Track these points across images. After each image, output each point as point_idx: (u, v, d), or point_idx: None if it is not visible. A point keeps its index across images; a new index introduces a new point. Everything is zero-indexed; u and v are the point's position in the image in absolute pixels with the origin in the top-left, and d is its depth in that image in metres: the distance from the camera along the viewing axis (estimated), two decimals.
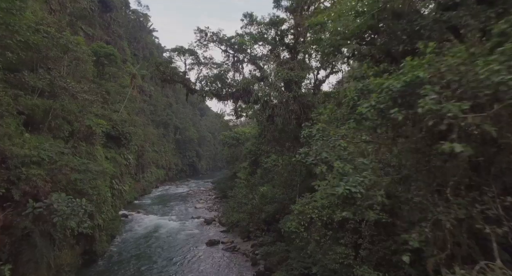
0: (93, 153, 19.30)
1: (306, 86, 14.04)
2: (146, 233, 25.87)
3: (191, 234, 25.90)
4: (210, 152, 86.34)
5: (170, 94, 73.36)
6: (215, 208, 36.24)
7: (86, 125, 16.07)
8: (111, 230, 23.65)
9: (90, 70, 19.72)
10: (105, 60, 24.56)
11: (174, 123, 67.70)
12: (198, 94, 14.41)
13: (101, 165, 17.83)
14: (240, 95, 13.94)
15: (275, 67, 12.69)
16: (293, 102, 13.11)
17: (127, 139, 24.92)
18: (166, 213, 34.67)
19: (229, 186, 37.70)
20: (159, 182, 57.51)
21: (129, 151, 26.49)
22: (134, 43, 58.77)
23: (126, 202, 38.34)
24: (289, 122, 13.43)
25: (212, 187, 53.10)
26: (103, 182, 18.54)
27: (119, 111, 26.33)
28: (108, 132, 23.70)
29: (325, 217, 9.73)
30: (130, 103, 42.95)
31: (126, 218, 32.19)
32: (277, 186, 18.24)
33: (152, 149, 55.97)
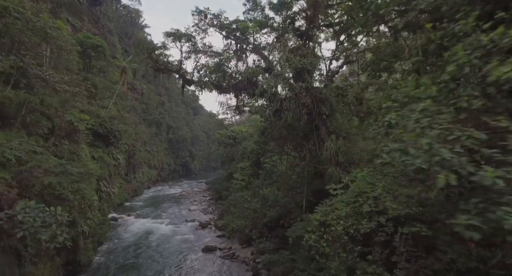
0: (77, 153, 17.26)
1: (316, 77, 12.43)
2: (137, 239, 23.84)
3: (186, 240, 23.98)
4: (204, 152, 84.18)
5: (163, 92, 71.07)
6: (210, 210, 34.33)
7: (67, 121, 14.09)
8: (98, 236, 21.59)
9: (75, 61, 17.68)
10: (92, 52, 22.43)
11: (167, 122, 65.40)
12: (196, 85, 12.64)
13: (86, 166, 15.83)
14: (244, 87, 12.23)
15: (285, 54, 11.04)
16: (305, 95, 11.47)
17: (117, 137, 22.87)
18: (158, 216, 32.61)
19: (224, 187, 35.86)
20: (151, 182, 55.23)
21: (118, 150, 24.44)
22: (125, 39, 56.34)
23: (116, 204, 36.18)
24: (300, 118, 11.75)
25: (206, 187, 51.10)
26: (88, 185, 16.53)
27: (108, 108, 24.26)
28: (95, 130, 21.64)
29: (352, 228, 8.07)
30: (121, 101, 40.69)
31: (115, 222, 30.04)
32: (280, 188, 16.55)
33: (144, 148, 53.69)
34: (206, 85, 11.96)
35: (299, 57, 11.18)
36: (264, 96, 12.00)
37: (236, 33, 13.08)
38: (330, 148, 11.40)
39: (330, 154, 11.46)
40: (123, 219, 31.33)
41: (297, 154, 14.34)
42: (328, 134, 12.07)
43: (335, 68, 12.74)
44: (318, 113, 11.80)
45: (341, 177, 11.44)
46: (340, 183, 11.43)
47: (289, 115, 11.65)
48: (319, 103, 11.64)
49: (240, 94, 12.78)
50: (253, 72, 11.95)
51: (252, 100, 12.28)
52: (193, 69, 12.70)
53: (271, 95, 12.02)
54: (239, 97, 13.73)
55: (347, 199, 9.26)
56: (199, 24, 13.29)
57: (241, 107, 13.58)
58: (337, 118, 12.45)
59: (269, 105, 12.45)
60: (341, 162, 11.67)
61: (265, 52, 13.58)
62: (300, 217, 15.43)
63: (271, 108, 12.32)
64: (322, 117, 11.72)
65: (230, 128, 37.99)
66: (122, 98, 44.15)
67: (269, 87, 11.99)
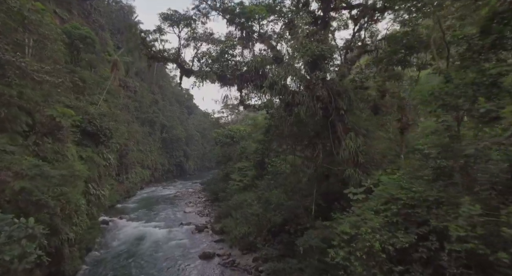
0: (63, 152, 15.50)
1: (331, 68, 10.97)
2: (128, 245, 22.09)
3: (181, 245, 22.32)
4: (198, 152, 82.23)
5: (156, 90, 69.00)
6: (206, 212, 32.67)
7: (48, 115, 12.35)
8: (87, 242, 19.81)
9: (61, 53, 15.91)
10: (80, 44, 20.58)
11: (161, 121, 63.36)
12: (196, 75, 11.10)
13: (71, 167, 14.10)
14: (250, 78, 10.75)
15: (299, 40, 9.61)
16: (321, 86, 10.04)
17: (107, 136, 21.08)
18: (152, 219, 30.80)
19: (221, 188, 34.24)
20: (144, 183, 53.20)
21: (109, 149, 22.65)
22: (118, 35, 54.17)
23: (107, 206, 34.22)
24: (314, 113, 10.30)
25: (201, 188, 49.34)
26: (74, 187, 14.81)
27: (98, 104, 22.44)
28: (83, 128, 19.84)
29: (388, 243, 6.64)
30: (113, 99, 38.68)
31: (106, 225, 28.16)
32: (287, 191, 15.10)
33: (137, 148, 51.66)
34: (208, 75, 10.43)
35: (316, 43, 9.75)
36: (274, 89, 10.53)
37: (241, 19, 11.54)
38: (349, 147, 9.98)
39: (349, 154, 10.05)
40: (114, 223, 29.44)
41: (309, 153, 12.93)
42: (346, 132, 10.67)
43: (351, 58, 11.36)
44: (334, 108, 10.39)
45: (361, 180, 10.02)
46: (361, 186, 10.01)
47: (302, 110, 10.21)
48: (335, 97, 10.24)
49: (246, 86, 11.28)
50: (262, 61, 10.47)
51: (259, 94, 10.77)
52: (193, 57, 11.18)
53: (282, 87, 10.55)
54: (244, 90, 12.23)
55: (376, 207, 7.83)
56: (199, 7, 11.71)
57: (245, 101, 12.08)
58: (356, 114, 11.08)
59: (279, 99, 11.02)
60: (361, 162, 10.27)
61: (272, 42, 12.11)
62: (310, 223, 13.97)
63: (281, 102, 10.88)
64: (340, 112, 10.32)
65: (228, 127, 36.36)
66: (114, 96, 42.15)
67: (279, 78, 10.52)
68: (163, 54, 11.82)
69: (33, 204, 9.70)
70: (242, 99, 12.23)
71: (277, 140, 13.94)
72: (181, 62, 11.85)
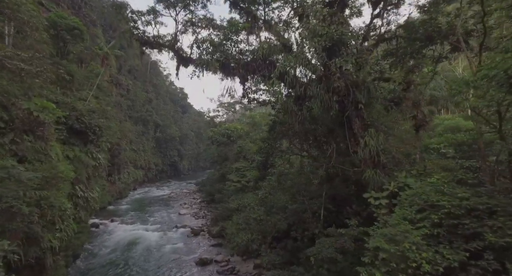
0: (45, 152, 13.89)
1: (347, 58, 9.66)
2: (120, 250, 20.49)
3: (176, 250, 20.83)
4: (193, 152, 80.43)
5: (150, 89, 67.04)
6: (202, 214, 31.19)
7: (24, 109, 10.77)
8: (74, 249, 18.19)
9: (43, 42, 14.29)
10: (67, 35, 18.88)
11: (154, 120, 61.45)
12: (196, 64, 9.71)
13: (54, 168, 12.54)
14: (257, 67, 9.42)
15: (311, 26, 8.29)
16: (338, 76, 8.76)
17: (96, 134, 19.45)
18: (145, 221, 29.18)
19: (217, 189, 32.82)
20: (137, 183, 51.38)
21: (99, 149, 21.00)
22: (110, 31, 52.15)
23: (98, 208, 32.41)
24: (329, 107, 9.01)
25: (196, 189, 47.78)
26: (58, 191, 13.24)
27: (87, 100, 20.76)
28: (70, 125, 18.18)
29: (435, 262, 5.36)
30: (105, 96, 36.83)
31: (96, 228, 26.48)
32: (292, 193, 13.81)
33: (130, 147, 49.80)
34: (210, 63, 9.06)
35: (335, 26, 8.46)
36: (284, 80, 9.20)
37: (245, 3, 10.21)
38: (370, 145, 8.72)
39: (369, 153, 8.79)
40: (105, 226, 27.75)
41: (320, 153, 11.66)
42: (364, 128, 9.42)
43: (368, 47, 10.13)
44: (351, 102, 9.13)
45: (383, 183, 8.77)
46: (382, 190, 8.75)
47: (316, 104, 8.91)
48: (353, 89, 8.98)
49: (252, 77, 9.96)
50: (269, 48, 9.15)
51: (266, 85, 9.42)
52: (192, 44, 9.77)
53: (293, 78, 9.24)
54: (247, 83, 10.88)
55: (411, 216, 6.56)
56: None
57: (249, 94, 10.72)
58: (376, 108, 9.85)
59: (288, 92, 9.72)
60: (383, 163, 9.03)
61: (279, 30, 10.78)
62: (318, 228, 12.68)
63: (290, 96, 9.58)
64: (358, 107, 9.06)
65: (224, 126, 34.92)
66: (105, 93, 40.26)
67: (291, 67, 9.21)
68: (157, 40, 10.39)
69: (3, 212, 8.17)
70: (245, 92, 10.90)
71: (286, 138, 12.58)
72: (178, 50, 10.45)
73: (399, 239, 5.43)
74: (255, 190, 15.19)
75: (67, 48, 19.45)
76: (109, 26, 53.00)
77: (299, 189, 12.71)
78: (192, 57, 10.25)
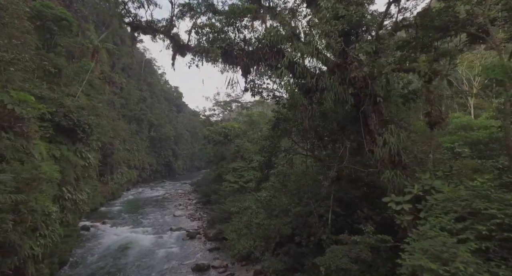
0: (27, 150, 12.57)
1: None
2: (111, 255, 19.20)
3: (171, 254, 19.63)
4: (188, 151, 78.90)
5: (144, 87, 65.39)
6: (198, 216, 29.98)
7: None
8: (60, 255, 16.82)
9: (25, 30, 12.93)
10: (53, 26, 17.45)
11: (149, 119, 59.83)
12: (195, 51, 8.58)
13: (35, 168, 11.25)
14: (263, 56, 8.33)
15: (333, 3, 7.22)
16: (356, 66, 7.73)
17: (86, 132, 18.09)
18: (138, 224, 27.86)
19: (213, 189, 31.60)
20: (131, 184, 49.83)
21: (89, 148, 19.65)
22: (103, 28, 50.37)
23: (89, 210, 30.89)
24: (344, 101, 7.97)
25: (191, 189, 46.45)
26: (40, 194, 11.96)
27: (76, 96, 19.37)
28: (57, 122, 16.82)
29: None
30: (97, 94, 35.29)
31: (87, 231, 25.09)
32: (297, 195, 12.77)
33: (123, 147, 48.20)
34: (211, 51, 7.94)
35: (354, 7, 7.42)
36: (294, 70, 8.12)
37: None
38: (390, 143, 7.70)
39: (389, 152, 7.78)
40: (96, 228, 26.36)
41: (331, 152, 10.63)
42: (382, 124, 8.40)
43: (383, 35, 9.12)
44: (368, 95, 8.11)
45: (405, 185, 7.75)
46: (405, 193, 7.74)
47: (329, 97, 7.86)
48: (370, 80, 7.96)
49: (258, 66, 8.85)
50: (276, 35, 8.07)
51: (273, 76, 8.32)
52: (190, 29, 8.60)
53: (303, 68, 8.17)
54: (250, 74, 9.78)
55: (449, 225, 5.53)
56: None
57: (253, 87, 9.58)
58: (396, 102, 8.82)
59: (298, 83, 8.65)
60: (405, 163, 8.02)
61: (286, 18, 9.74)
62: (326, 234, 11.62)
63: (299, 89, 8.53)
64: (376, 100, 8.04)
65: (221, 124, 33.70)
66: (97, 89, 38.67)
67: (301, 57, 8.15)
68: (151, 25, 9.21)
69: None
70: (247, 85, 9.79)
71: (290, 136, 11.48)
72: (175, 36, 9.29)
73: (446, 256, 4.41)
74: (257, 192, 14.09)
75: (54, 40, 18.04)
76: (102, 23, 51.23)
77: (304, 190, 11.66)
78: (190, 45, 9.11)
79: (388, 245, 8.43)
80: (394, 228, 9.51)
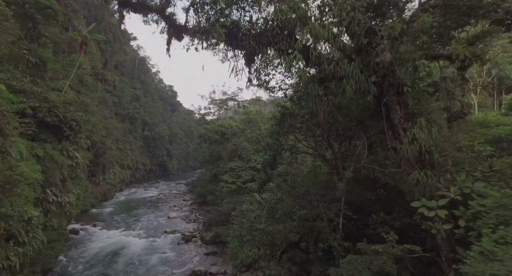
0: (3, 149, 11.12)
1: None
2: (100, 261, 17.75)
3: (166, 260, 18.27)
4: (182, 151, 77.20)
5: (138, 86, 63.57)
6: (194, 218, 28.61)
7: None
8: (44, 262, 15.35)
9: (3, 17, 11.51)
10: (37, 14, 15.91)
11: (142, 117, 58.07)
12: (194, 32, 7.34)
13: (10, 169, 9.85)
14: (272, 38, 7.14)
15: None
16: (383, 48, 6.57)
17: (73, 129, 16.63)
18: (131, 226, 26.35)
19: (209, 190, 30.27)
20: (124, 184, 48.09)
21: (77, 146, 18.16)
22: (94, 23, 48.52)
23: (80, 211, 29.30)
24: (367, 90, 6.81)
25: (186, 189, 44.99)
26: (17, 197, 10.54)
27: (63, 91, 17.85)
28: (41, 118, 15.34)
29: None
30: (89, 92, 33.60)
31: (76, 235, 23.51)
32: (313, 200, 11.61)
33: (116, 146, 46.46)
34: (213, 30, 6.71)
35: None
36: (309, 55, 6.95)
37: None
38: (420, 139, 6.56)
39: (419, 150, 6.64)
40: (86, 231, 24.79)
41: (347, 149, 9.48)
42: (409, 118, 7.26)
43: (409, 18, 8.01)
44: (393, 84, 6.99)
45: (438, 188, 6.63)
46: (439, 197, 6.62)
47: (350, 85, 6.70)
48: (399, 66, 6.84)
49: (266, 51, 7.65)
50: (287, 13, 6.90)
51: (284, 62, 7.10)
52: (188, 6, 7.35)
53: (319, 53, 7.01)
54: (254, 63, 8.59)
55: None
56: None
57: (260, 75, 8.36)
58: (426, 92, 7.70)
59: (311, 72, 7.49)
60: (437, 162, 6.89)
61: None
62: (337, 240, 10.46)
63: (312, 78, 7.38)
64: (405, 90, 6.91)
65: (218, 122, 32.36)
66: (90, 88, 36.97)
67: (316, 41, 6.98)
68: (142, 1, 7.90)
69: None
70: (252, 75, 8.59)
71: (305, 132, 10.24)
72: (170, 16, 8.01)
73: None
74: (260, 193, 12.89)
75: (37, 30, 16.51)
76: (93, 18, 49.35)
77: (313, 192, 10.48)
78: (188, 26, 7.85)
79: (415, 255, 7.32)
80: (419, 235, 8.38)
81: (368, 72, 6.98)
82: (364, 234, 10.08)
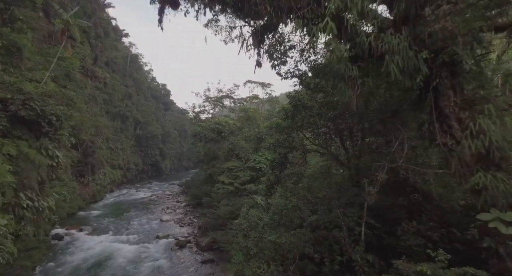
0: None
1: None
2: (85, 272, 15.75)
3: (158, 269, 16.38)
4: (175, 151, 74.83)
5: (130, 83, 61.08)
6: (188, 221, 26.65)
7: None
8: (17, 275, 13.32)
9: None
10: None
11: (134, 116, 55.64)
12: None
13: None
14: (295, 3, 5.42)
15: None
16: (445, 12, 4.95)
17: (53, 124, 14.61)
18: (120, 231, 24.26)
19: (204, 191, 28.40)
20: (114, 185, 45.63)
21: (57, 144, 16.11)
22: (84, 18, 46.02)
23: (67, 214, 27.05)
24: (416, 69, 5.18)
25: (180, 190, 42.91)
26: None
27: (42, 82, 15.78)
28: (14, 112, 13.29)
29: None
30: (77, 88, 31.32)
31: (60, 241, 21.37)
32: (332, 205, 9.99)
33: (106, 145, 44.11)
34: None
35: None
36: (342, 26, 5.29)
37: None
38: (490, 131, 4.96)
39: (487, 146, 5.03)
40: (71, 237, 22.61)
41: (383, 146, 7.86)
42: (465, 106, 5.67)
43: None
44: (449, 63, 5.39)
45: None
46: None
47: (395, 61, 5.07)
48: (452, 41, 5.26)
49: (285, 20, 5.98)
50: None
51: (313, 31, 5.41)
52: None
53: (354, 24, 5.36)
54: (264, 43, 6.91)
55: None
56: None
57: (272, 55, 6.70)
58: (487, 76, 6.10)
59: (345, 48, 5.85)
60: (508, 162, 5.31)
61: None
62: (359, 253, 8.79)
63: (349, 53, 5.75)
64: (464, 69, 5.33)
65: (214, 120, 30.49)
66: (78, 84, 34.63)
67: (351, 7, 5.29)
68: None
69: None
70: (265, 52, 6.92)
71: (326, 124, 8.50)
72: None
73: None
74: (267, 197, 11.19)
75: (10, 12, 14.43)
76: (84, 14, 46.79)
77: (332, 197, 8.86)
78: None
79: None
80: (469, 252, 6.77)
81: (417, 46, 5.40)
82: (388, 246, 8.49)
